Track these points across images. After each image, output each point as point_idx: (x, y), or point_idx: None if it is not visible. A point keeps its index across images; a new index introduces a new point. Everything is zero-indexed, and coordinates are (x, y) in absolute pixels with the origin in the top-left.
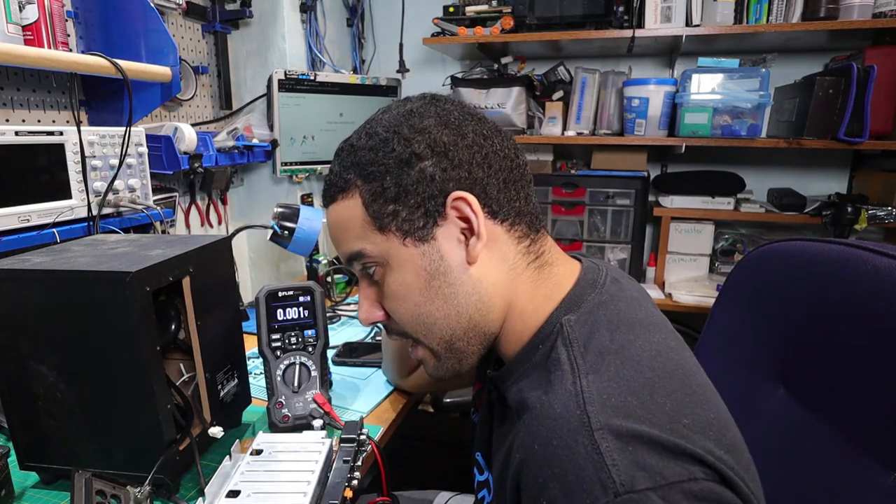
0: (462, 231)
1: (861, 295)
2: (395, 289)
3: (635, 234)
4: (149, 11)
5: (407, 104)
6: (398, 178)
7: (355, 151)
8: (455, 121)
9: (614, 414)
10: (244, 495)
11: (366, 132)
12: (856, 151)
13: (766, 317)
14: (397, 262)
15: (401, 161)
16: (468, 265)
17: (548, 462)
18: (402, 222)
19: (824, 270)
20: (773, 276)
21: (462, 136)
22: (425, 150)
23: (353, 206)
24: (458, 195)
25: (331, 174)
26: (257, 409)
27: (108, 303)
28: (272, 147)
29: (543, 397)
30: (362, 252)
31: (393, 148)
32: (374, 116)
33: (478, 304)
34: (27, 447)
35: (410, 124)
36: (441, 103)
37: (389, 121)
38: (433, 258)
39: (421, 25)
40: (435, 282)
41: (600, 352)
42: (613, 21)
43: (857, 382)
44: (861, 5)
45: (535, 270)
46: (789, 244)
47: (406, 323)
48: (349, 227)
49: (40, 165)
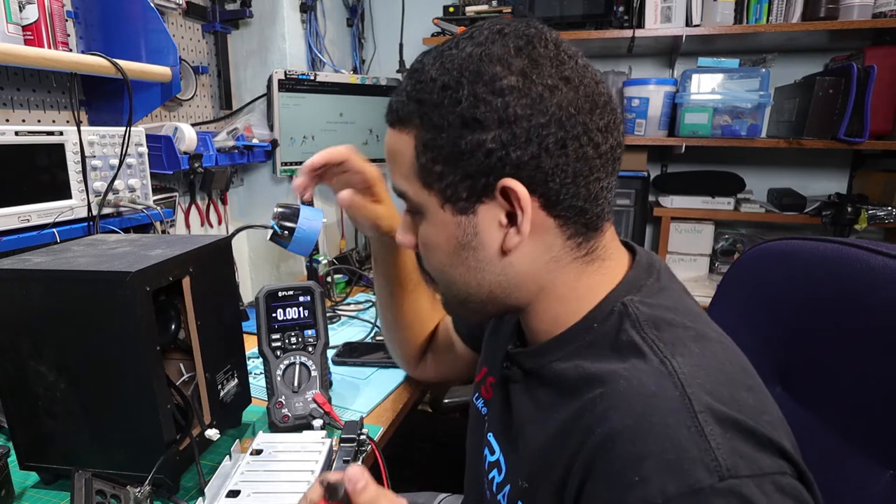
0: (507, 214)
1: (857, 293)
2: (427, 241)
3: (635, 234)
4: (149, 11)
5: (496, 41)
6: (455, 138)
7: (424, 83)
8: (542, 86)
9: (712, 399)
10: (244, 495)
11: (440, 63)
12: (856, 151)
13: (763, 315)
14: (433, 220)
15: (462, 120)
16: (502, 252)
17: (643, 438)
18: (446, 187)
19: (820, 269)
20: (770, 275)
21: (542, 111)
22: (492, 118)
23: (406, 143)
24: (510, 185)
25: (398, 93)
26: (257, 409)
27: (108, 303)
28: (272, 147)
29: (625, 373)
30: (405, 194)
31: (459, 100)
32: (459, 38)
33: (503, 284)
34: (27, 447)
35: (488, 77)
36: (536, 53)
37: (470, 59)
38: (467, 231)
39: (421, 25)
40: (464, 252)
41: (676, 336)
42: (613, 21)
43: (854, 380)
44: (861, 5)
45: (583, 265)
46: (785, 243)
47: (431, 269)
48: (398, 161)
49: (40, 165)
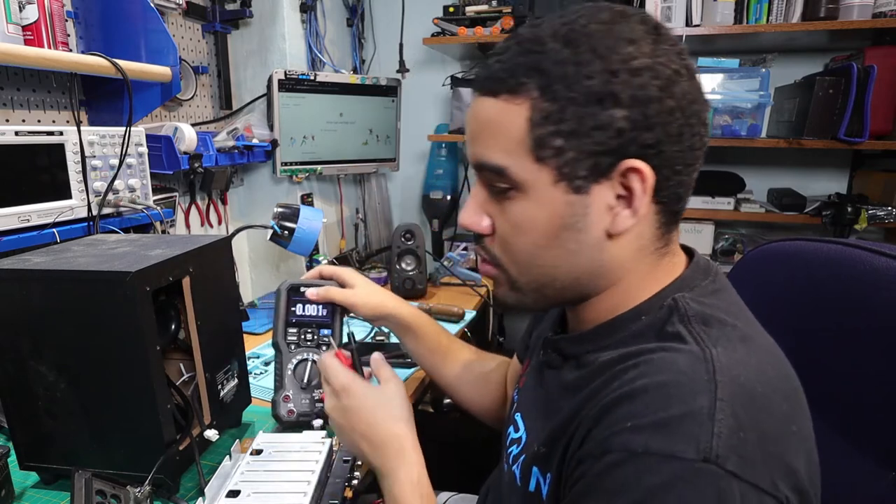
0: (619, 198)
1: (859, 294)
2: (521, 220)
3: None
4: (149, 11)
5: (621, 22)
6: (582, 113)
7: (543, 54)
8: (670, 73)
9: (741, 394)
10: (244, 495)
11: (564, 35)
12: (856, 151)
13: (765, 316)
14: (537, 197)
15: (593, 96)
16: (606, 235)
17: (655, 399)
18: (564, 164)
19: (823, 270)
20: (771, 276)
21: (670, 95)
22: (626, 97)
23: (514, 113)
24: (636, 165)
25: (500, 60)
26: (257, 409)
27: (108, 303)
28: (272, 147)
29: (661, 351)
30: (504, 169)
31: (591, 75)
32: (577, 14)
33: (592, 271)
34: (27, 447)
35: (622, 55)
36: (662, 38)
37: (598, 36)
38: (577, 212)
39: (421, 25)
40: (565, 234)
41: (723, 333)
42: None
43: (856, 382)
44: (861, 5)
45: (658, 257)
46: (787, 244)
47: (512, 253)
48: (499, 134)
49: (40, 165)
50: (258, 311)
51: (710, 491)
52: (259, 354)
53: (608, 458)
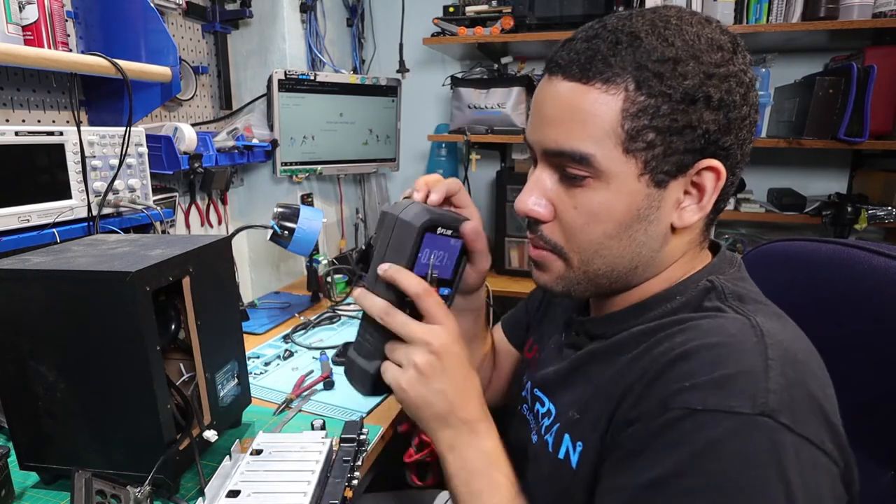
0: (686, 193)
1: (858, 294)
2: (597, 209)
3: None
4: (149, 11)
5: (707, 28)
6: (675, 111)
7: (641, 48)
8: (748, 82)
9: (787, 356)
10: (244, 495)
11: (660, 34)
12: (856, 151)
13: None
14: (619, 188)
15: (688, 95)
16: (672, 229)
17: (711, 360)
18: (653, 158)
19: (822, 270)
20: (771, 276)
21: (746, 102)
22: (716, 100)
23: (606, 103)
24: (714, 165)
25: (590, 48)
26: (257, 409)
27: (108, 303)
28: (272, 147)
29: (710, 320)
30: (589, 158)
31: (686, 75)
32: (664, 15)
33: (650, 261)
34: (27, 447)
35: (713, 60)
36: (739, 49)
37: (692, 39)
38: (652, 205)
39: (421, 25)
40: (637, 224)
41: (759, 309)
42: None
43: (856, 382)
44: (861, 5)
45: (698, 248)
46: (787, 244)
47: (578, 241)
48: (587, 122)
49: (40, 165)
50: (258, 311)
51: (766, 443)
52: (259, 354)
53: (668, 415)
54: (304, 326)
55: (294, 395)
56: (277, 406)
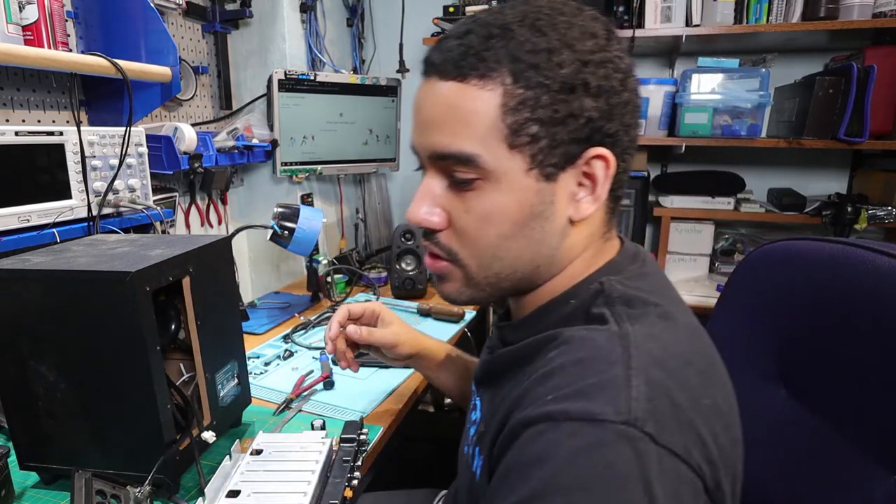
0: (579, 185)
1: (862, 295)
2: (489, 210)
3: (635, 234)
4: (149, 11)
5: (581, 16)
6: (556, 102)
7: (514, 40)
8: (625, 67)
9: (653, 365)
10: (244, 495)
11: (532, 24)
12: (856, 151)
13: (769, 317)
14: (509, 186)
15: (567, 84)
16: (569, 222)
17: (574, 373)
18: (539, 151)
19: (826, 270)
20: (776, 276)
21: (626, 87)
22: (595, 87)
23: (486, 100)
24: (602, 153)
25: (463, 44)
26: (257, 408)
27: (108, 303)
28: (272, 147)
29: (583, 332)
30: (475, 158)
31: (563, 64)
32: (535, 6)
33: (551, 259)
34: (27, 447)
35: (588, 48)
36: (614, 36)
37: (565, 27)
38: (545, 199)
39: (421, 25)
40: (532, 222)
41: (644, 312)
42: (613, 21)
43: (860, 384)
44: (861, 5)
45: (602, 242)
46: (791, 243)
47: (474, 246)
48: (469, 120)
49: (40, 165)
50: (258, 311)
51: (630, 452)
52: (259, 354)
53: (529, 430)
54: (304, 326)
55: (294, 395)
56: (277, 406)
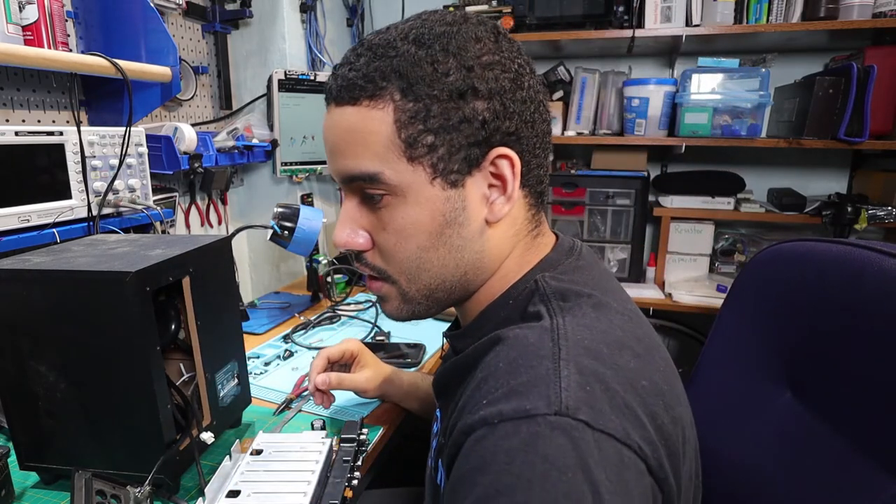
0: (490, 187)
1: (869, 298)
2: (403, 225)
3: (635, 234)
4: (149, 11)
5: (464, 24)
6: (447, 110)
7: (398, 56)
8: (517, 66)
9: (585, 353)
10: (244, 495)
11: (415, 39)
12: (856, 151)
13: (775, 319)
14: (416, 198)
15: (455, 92)
16: (486, 224)
17: (505, 374)
18: (438, 160)
19: (834, 272)
20: (782, 278)
21: (521, 86)
22: (484, 89)
23: (379, 119)
24: (504, 153)
25: (352, 69)
26: (257, 409)
27: (108, 303)
28: (272, 147)
29: (517, 331)
30: (378, 176)
31: (448, 72)
32: (420, 19)
33: (478, 263)
34: (27, 447)
35: (472, 53)
36: (502, 38)
37: (447, 36)
38: (456, 206)
39: None
40: (448, 230)
41: (578, 303)
42: (613, 21)
43: (867, 387)
44: (861, 5)
45: (531, 238)
46: (799, 244)
47: (398, 261)
48: (368, 142)
49: (40, 165)
50: (258, 311)
51: (566, 441)
52: (259, 354)
53: (470, 438)
54: (304, 326)
55: (294, 395)
56: (277, 406)
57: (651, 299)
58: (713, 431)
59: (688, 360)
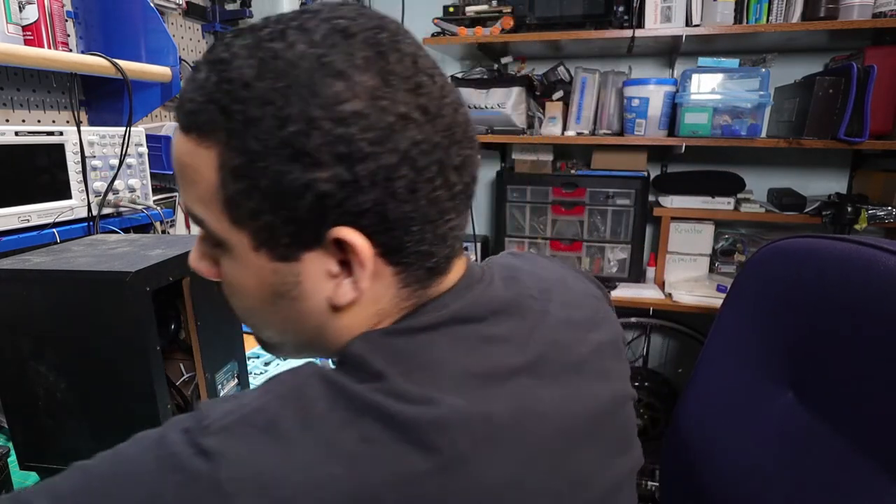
0: (340, 263)
1: (873, 296)
2: (231, 281)
3: (635, 234)
4: (149, 11)
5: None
6: (277, 171)
7: (233, 85)
8: (394, 116)
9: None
10: None
11: (261, 59)
12: (856, 151)
13: (775, 318)
14: (242, 261)
15: (289, 149)
16: (330, 307)
17: None
18: (261, 229)
19: (835, 270)
20: (783, 276)
21: (393, 148)
22: (329, 153)
23: (205, 161)
24: (346, 237)
25: (189, 89)
26: None
27: (108, 303)
28: None
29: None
30: (203, 223)
31: (284, 121)
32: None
33: (321, 335)
34: (27, 447)
35: (326, 96)
36: (389, 69)
37: (300, 63)
38: (287, 280)
39: (421, 25)
40: (281, 302)
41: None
42: (613, 21)
43: (869, 388)
44: (861, 5)
45: (412, 306)
46: (797, 241)
47: (236, 310)
48: (193, 180)
49: (40, 165)
50: None
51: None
52: (259, 354)
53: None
54: None
55: None
56: None
57: (651, 299)
58: (713, 432)
59: (688, 361)
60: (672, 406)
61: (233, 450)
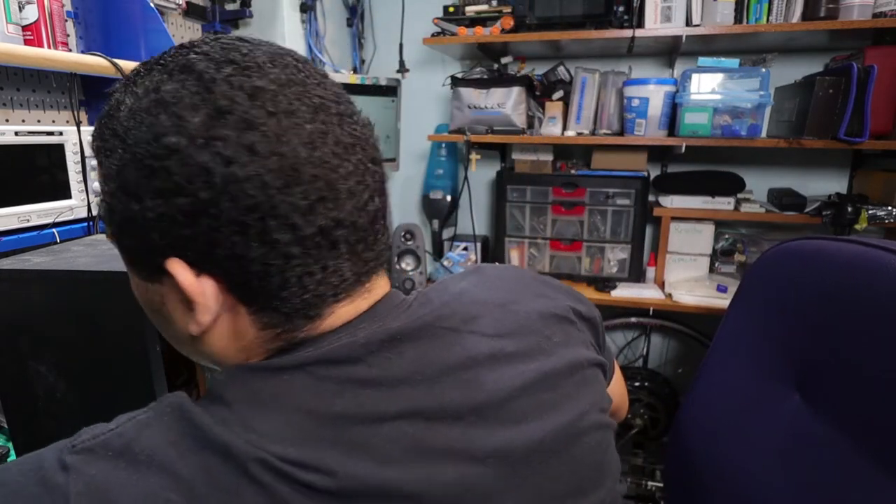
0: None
1: (880, 298)
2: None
3: (635, 234)
4: (149, 11)
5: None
6: (118, 200)
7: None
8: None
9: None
10: None
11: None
12: (856, 151)
13: (783, 319)
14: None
15: (118, 181)
16: (190, 333)
17: None
18: (123, 249)
19: (843, 272)
20: (790, 277)
21: (211, 185)
22: (146, 186)
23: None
24: (170, 269)
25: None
26: None
27: (108, 303)
28: None
29: None
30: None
31: (114, 150)
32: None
33: (209, 356)
34: (27, 447)
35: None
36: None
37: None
38: (154, 299)
39: (421, 25)
40: (158, 316)
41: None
42: (613, 21)
43: (876, 390)
44: (861, 5)
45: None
46: (807, 243)
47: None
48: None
49: (40, 165)
50: None
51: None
52: None
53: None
54: None
55: None
56: None
57: (651, 299)
58: (718, 435)
59: (688, 361)
60: (672, 406)
61: (87, 469)
